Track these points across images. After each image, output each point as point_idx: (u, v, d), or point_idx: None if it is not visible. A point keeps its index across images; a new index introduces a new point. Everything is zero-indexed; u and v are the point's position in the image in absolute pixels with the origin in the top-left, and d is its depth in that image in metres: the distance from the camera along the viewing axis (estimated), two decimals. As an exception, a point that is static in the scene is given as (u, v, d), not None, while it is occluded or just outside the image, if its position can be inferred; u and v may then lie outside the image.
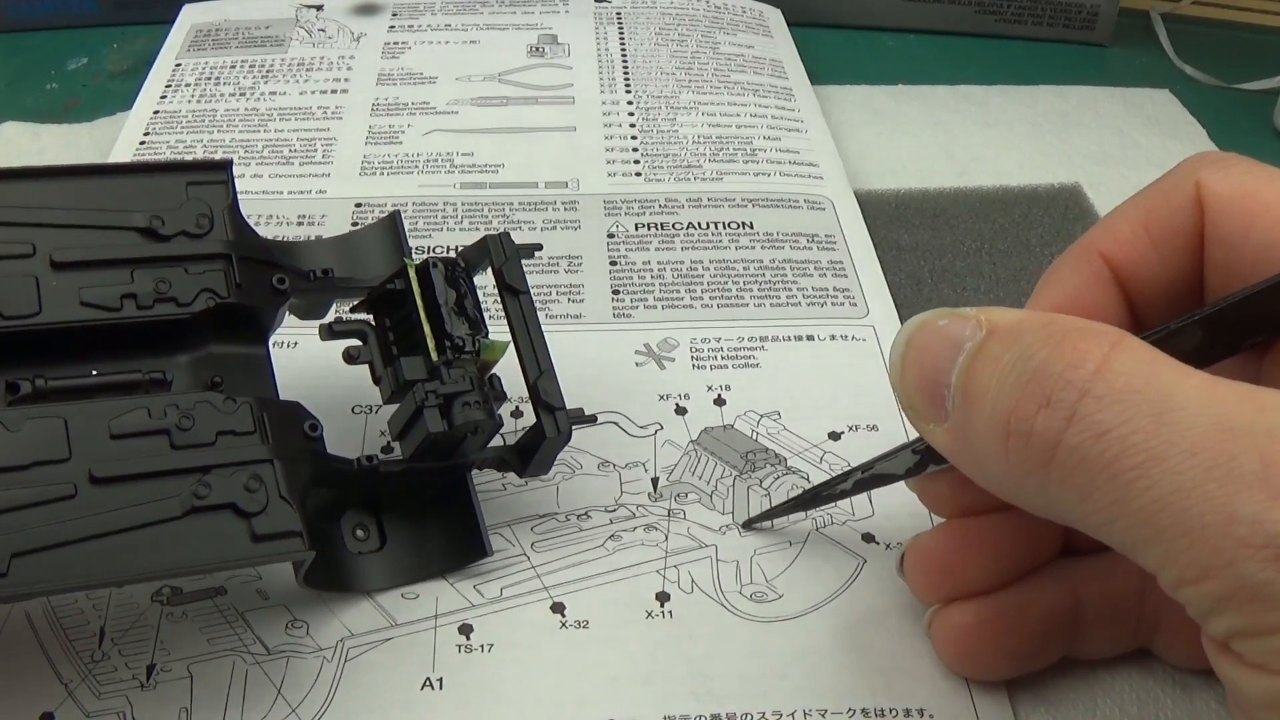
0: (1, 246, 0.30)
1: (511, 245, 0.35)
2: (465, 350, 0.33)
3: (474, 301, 0.34)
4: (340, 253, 0.35)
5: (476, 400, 0.32)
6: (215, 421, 0.29)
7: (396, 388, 0.33)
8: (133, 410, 0.29)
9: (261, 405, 0.30)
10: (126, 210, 0.32)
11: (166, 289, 0.31)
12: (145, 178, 0.32)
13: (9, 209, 0.30)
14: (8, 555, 0.26)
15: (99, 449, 0.28)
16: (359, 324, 0.34)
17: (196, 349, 0.32)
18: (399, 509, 0.34)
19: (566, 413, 0.33)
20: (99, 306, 0.30)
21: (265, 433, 0.29)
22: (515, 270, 0.34)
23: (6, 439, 0.27)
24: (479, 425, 0.32)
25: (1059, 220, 0.51)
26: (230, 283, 0.31)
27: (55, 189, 0.31)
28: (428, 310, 0.33)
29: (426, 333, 0.33)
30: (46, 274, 0.30)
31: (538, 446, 0.33)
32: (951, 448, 0.26)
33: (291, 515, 0.28)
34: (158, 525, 0.27)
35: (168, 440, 0.29)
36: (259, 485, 0.28)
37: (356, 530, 0.33)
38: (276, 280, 0.33)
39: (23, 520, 0.26)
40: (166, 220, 0.32)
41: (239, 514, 0.28)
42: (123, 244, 0.31)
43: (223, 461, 0.29)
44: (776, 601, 0.33)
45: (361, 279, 0.35)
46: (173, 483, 0.28)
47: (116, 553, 0.27)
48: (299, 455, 0.30)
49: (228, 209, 0.32)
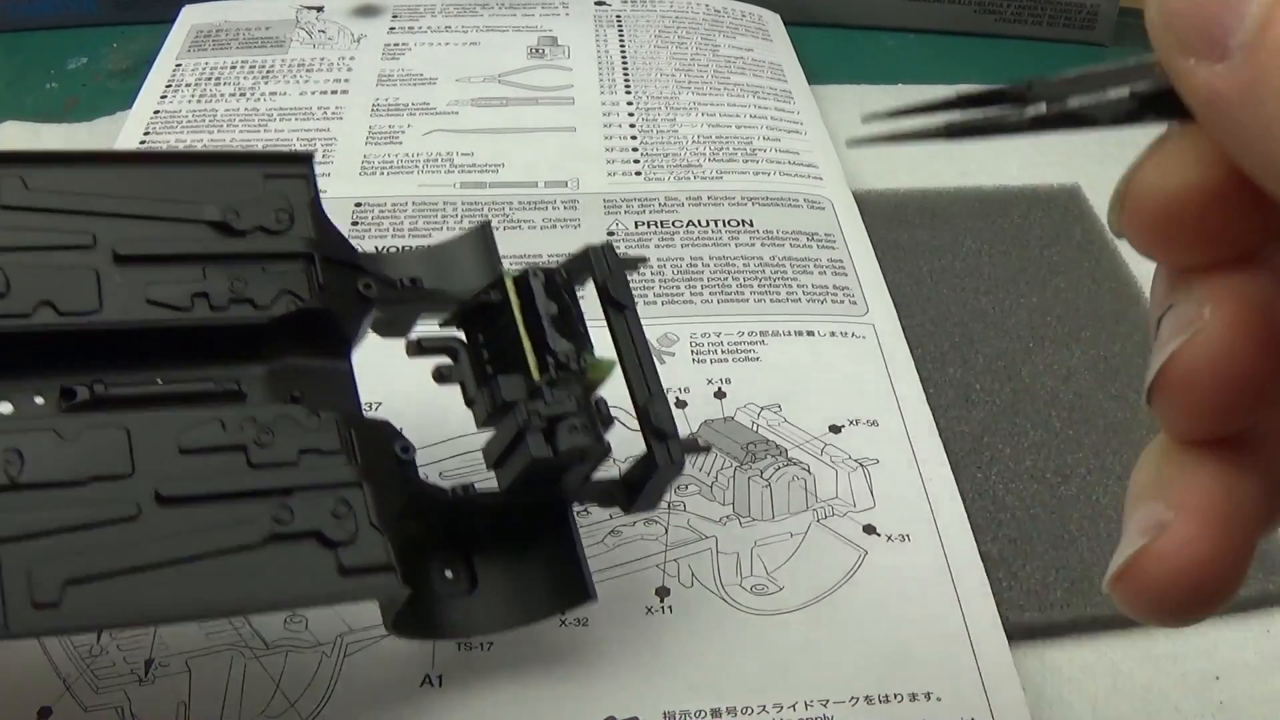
0: (58, 235, 0.27)
1: (615, 257, 0.31)
2: (570, 368, 0.29)
3: (578, 315, 0.31)
4: (427, 264, 0.32)
5: (584, 423, 0.29)
6: (297, 438, 0.26)
7: (493, 410, 0.29)
8: (205, 423, 0.26)
9: (349, 421, 0.27)
10: (197, 202, 0.28)
11: (243, 289, 0.28)
12: (217, 167, 0.29)
13: (66, 195, 0.27)
14: (60, 582, 0.23)
15: (166, 465, 0.25)
16: (449, 340, 0.31)
17: (274, 359, 0.28)
18: (491, 547, 0.30)
19: (679, 440, 0.30)
20: (167, 305, 0.27)
21: (353, 453, 0.26)
22: (620, 284, 0.31)
23: (61, 449, 0.24)
24: (586, 451, 0.29)
25: (1059, 220, 0.51)
26: (313, 285, 0.28)
27: (117, 176, 0.28)
28: (527, 324, 0.30)
29: (527, 349, 0.30)
30: (108, 268, 0.27)
31: (648, 478, 0.30)
32: (1226, 98, 0.17)
33: (384, 546, 0.25)
34: (233, 554, 0.24)
35: (244, 457, 0.25)
36: (347, 511, 0.25)
37: (444, 571, 0.30)
38: (363, 285, 0.30)
39: (78, 543, 0.23)
40: (242, 214, 0.28)
41: (324, 543, 0.25)
42: (194, 238, 0.28)
43: (307, 483, 0.25)
44: (777, 594, 0.33)
45: (452, 291, 0.31)
46: (250, 506, 0.25)
47: (185, 584, 0.24)
48: (390, 479, 0.27)
49: (309, 204, 0.29)
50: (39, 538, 0.23)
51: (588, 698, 0.30)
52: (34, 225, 0.27)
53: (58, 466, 0.24)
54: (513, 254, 0.45)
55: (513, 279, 0.31)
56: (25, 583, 0.22)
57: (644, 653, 0.32)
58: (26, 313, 0.26)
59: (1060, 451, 0.40)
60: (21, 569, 0.22)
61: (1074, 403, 0.42)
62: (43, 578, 0.22)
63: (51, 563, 0.23)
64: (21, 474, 0.24)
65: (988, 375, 0.43)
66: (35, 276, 0.26)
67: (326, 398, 0.28)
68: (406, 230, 0.46)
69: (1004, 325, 0.45)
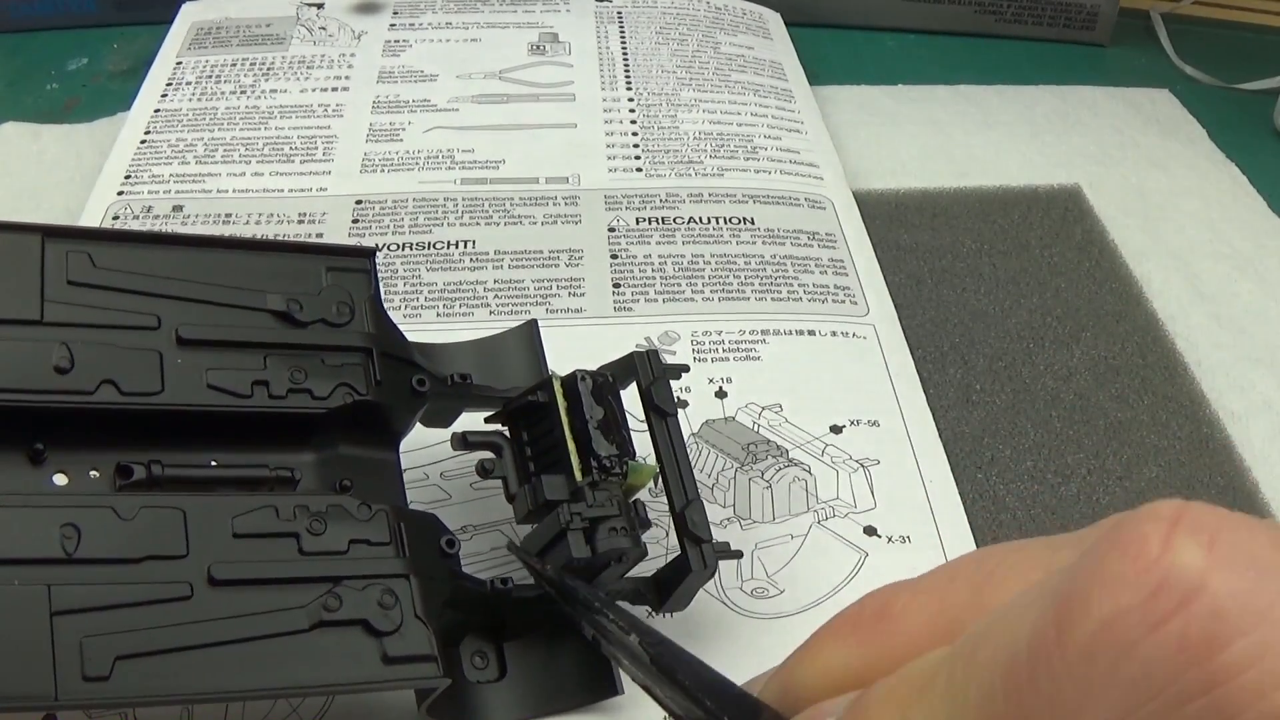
0: (125, 315, 0.28)
1: (659, 364, 0.33)
2: (613, 472, 0.30)
3: (622, 420, 0.32)
4: (477, 357, 0.33)
5: (623, 526, 0.30)
6: (348, 528, 0.27)
7: (534, 507, 0.30)
8: (259, 508, 0.26)
9: (398, 514, 0.28)
10: (261, 290, 0.29)
11: (302, 380, 0.28)
12: (282, 256, 0.30)
13: (134, 275, 0.28)
14: (111, 658, 0.23)
15: (220, 548, 0.25)
16: (494, 435, 0.32)
17: (326, 448, 0.29)
18: (521, 637, 0.31)
19: (714, 546, 0.30)
20: (227, 391, 0.28)
21: (402, 545, 0.27)
22: (664, 391, 0.32)
23: (119, 528, 0.25)
24: (625, 553, 0.30)
25: (1059, 221, 0.51)
26: (370, 379, 0.29)
27: (183, 258, 0.29)
28: (573, 427, 0.31)
29: (571, 451, 0.31)
30: (171, 350, 0.28)
31: (680, 580, 0.30)
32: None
33: (427, 637, 0.26)
34: (282, 637, 0.25)
35: (296, 545, 0.26)
36: (394, 603, 0.26)
37: (475, 658, 0.30)
38: (416, 381, 0.30)
39: (131, 619, 0.24)
40: (305, 305, 0.29)
41: (370, 631, 0.26)
42: (256, 326, 0.29)
43: (356, 574, 0.26)
44: (777, 598, 0.33)
45: (499, 388, 0.32)
46: (300, 592, 0.26)
47: (234, 664, 0.24)
48: (435, 570, 0.28)
49: (369, 300, 0.30)
50: (93, 612, 0.24)
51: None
52: (100, 303, 0.28)
53: (114, 543, 0.25)
54: (513, 249, 0.45)
55: (560, 381, 0.32)
56: (77, 655, 0.23)
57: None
58: (89, 390, 0.27)
59: (1060, 452, 0.40)
60: (74, 642, 0.23)
61: (1074, 403, 0.42)
62: (94, 652, 0.23)
63: (104, 637, 0.23)
64: (78, 549, 0.24)
65: (988, 376, 0.43)
66: (99, 354, 0.27)
67: (375, 486, 0.29)
68: (407, 226, 0.46)
69: (1004, 326, 0.45)
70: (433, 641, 0.26)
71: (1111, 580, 0.13)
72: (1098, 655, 0.12)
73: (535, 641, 0.31)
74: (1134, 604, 0.12)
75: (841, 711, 0.16)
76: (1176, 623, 0.12)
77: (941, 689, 0.15)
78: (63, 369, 0.26)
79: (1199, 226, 0.51)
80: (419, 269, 0.44)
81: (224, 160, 0.49)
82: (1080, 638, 0.13)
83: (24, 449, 0.26)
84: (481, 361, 0.33)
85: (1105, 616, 0.12)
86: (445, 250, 0.45)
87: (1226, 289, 0.48)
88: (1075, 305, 0.46)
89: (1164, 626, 0.12)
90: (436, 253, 0.45)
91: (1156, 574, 0.12)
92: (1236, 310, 0.47)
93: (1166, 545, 0.12)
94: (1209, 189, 0.54)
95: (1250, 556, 0.12)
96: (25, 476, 0.26)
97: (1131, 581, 0.12)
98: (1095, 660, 0.12)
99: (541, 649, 0.31)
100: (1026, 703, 0.13)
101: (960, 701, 0.14)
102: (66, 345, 0.27)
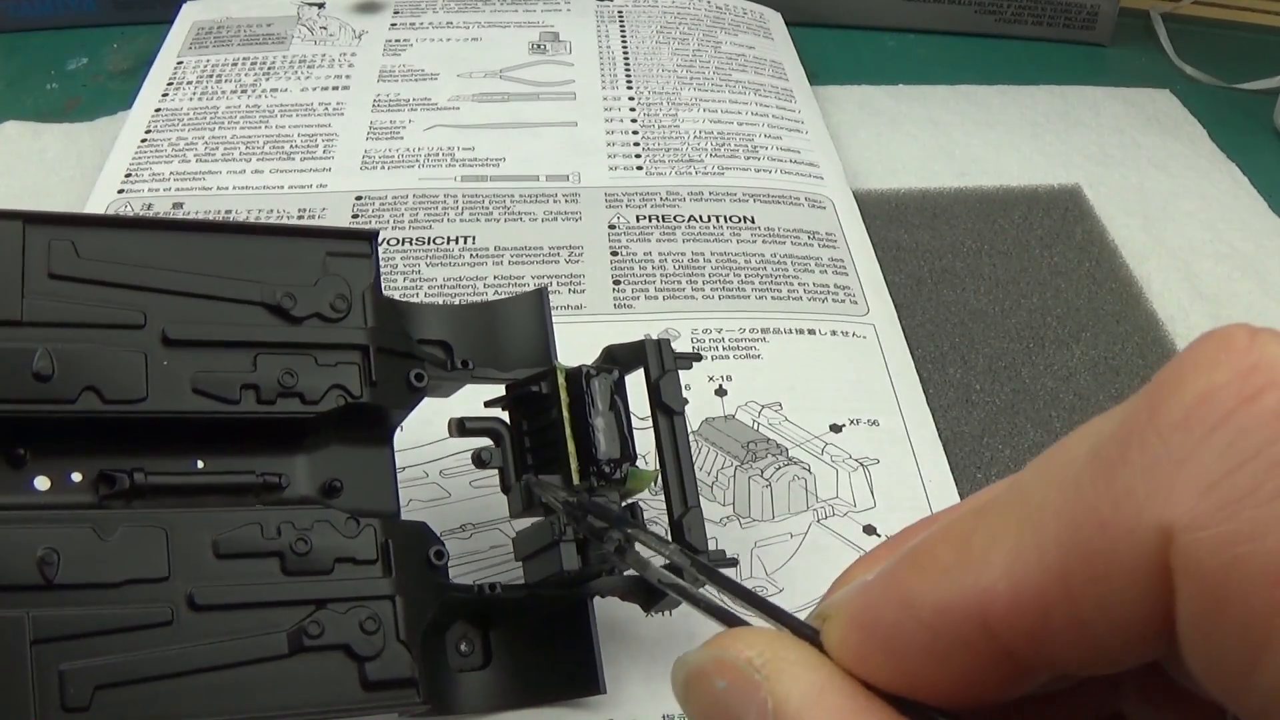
0: (109, 312, 0.26)
1: (671, 355, 0.31)
2: (612, 478, 0.29)
3: (626, 422, 0.30)
4: (481, 322, 0.32)
5: (616, 539, 0.27)
6: (334, 545, 0.26)
7: (529, 505, 0.29)
8: (243, 526, 0.26)
9: (386, 530, 0.27)
10: (255, 280, 0.28)
11: (293, 383, 0.27)
12: (280, 240, 0.29)
13: (120, 266, 0.27)
14: (91, 687, 0.23)
15: (202, 569, 0.25)
16: (492, 422, 0.31)
17: (317, 448, 0.28)
18: (508, 628, 0.30)
19: (709, 555, 0.29)
20: (214, 396, 0.27)
21: (389, 563, 0.27)
22: (673, 387, 0.31)
23: (99, 549, 0.24)
24: (616, 567, 0.29)
25: (1059, 221, 0.51)
26: (364, 380, 0.28)
27: (173, 244, 0.27)
28: (574, 426, 0.30)
29: (570, 452, 0.30)
30: (157, 350, 0.26)
31: None
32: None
33: (408, 662, 0.26)
34: (261, 663, 0.24)
35: (280, 564, 0.26)
36: (377, 627, 0.26)
37: (460, 644, 0.30)
38: (414, 376, 0.29)
39: (111, 645, 0.23)
40: (299, 298, 0.28)
41: (351, 656, 0.25)
42: (247, 322, 0.27)
43: (340, 596, 0.26)
44: (776, 597, 0.33)
45: (501, 371, 0.31)
46: (281, 614, 0.25)
47: (213, 691, 0.24)
48: (423, 583, 0.27)
49: (369, 289, 0.29)
50: (72, 640, 0.23)
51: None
52: (84, 298, 0.26)
53: (94, 567, 0.24)
54: (514, 246, 0.45)
55: (564, 374, 0.30)
56: (56, 685, 0.23)
57: (642, 656, 0.32)
58: (71, 399, 0.26)
59: (1060, 451, 0.40)
60: (53, 671, 0.23)
61: (1074, 403, 0.42)
62: (74, 682, 0.23)
63: (83, 666, 0.23)
64: (58, 574, 0.24)
65: (988, 376, 0.43)
66: (82, 359, 0.26)
67: (366, 484, 0.29)
68: (407, 221, 0.46)
69: (1004, 326, 0.45)
70: (414, 666, 0.26)
71: (1205, 362, 0.14)
72: (1193, 425, 0.13)
73: (520, 633, 0.30)
74: (1228, 380, 0.13)
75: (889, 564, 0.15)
76: (1272, 395, 0.13)
77: (1005, 500, 0.15)
78: (43, 376, 0.25)
79: (1199, 226, 0.51)
80: (419, 264, 0.44)
81: (224, 158, 0.49)
82: (1175, 410, 0.14)
83: (4, 454, 0.26)
84: (485, 328, 0.32)
85: (1201, 390, 0.13)
86: (445, 245, 0.45)
87: (1226, 289, 0.48)
88: (1075, 305, 0.46)
89: (1260, 397, 0.13)
90: (436, 248, 0.45)
91: (1249, 358, 0.13)
92: (1236, 310, 0.47)
93: (1253, 339, 0.14)
94: (1209, 189, 0.54)
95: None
96: (7, 481, 0.26)
97: (1224, 363, 0.14)
98: (1190, 429, 0.13)
99: (525, 641, 0.30)
100: (1117, 480, 0.14)
101: (1037, 505, 0.14)
102: (48, 350, 0.25)
